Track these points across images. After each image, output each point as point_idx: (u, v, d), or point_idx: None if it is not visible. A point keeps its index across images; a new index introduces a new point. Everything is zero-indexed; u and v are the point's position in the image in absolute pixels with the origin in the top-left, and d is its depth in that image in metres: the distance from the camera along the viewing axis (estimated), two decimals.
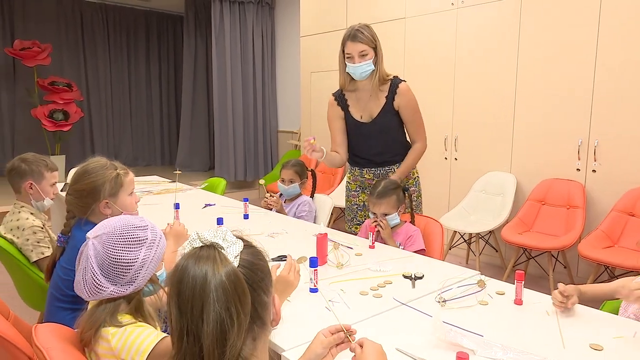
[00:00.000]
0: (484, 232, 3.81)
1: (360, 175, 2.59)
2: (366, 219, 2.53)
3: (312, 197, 2.90)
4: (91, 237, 1.15)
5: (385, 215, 2.17)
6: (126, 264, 1.13)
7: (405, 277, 1.73)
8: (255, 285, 0.84)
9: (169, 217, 2.42)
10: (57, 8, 7.37)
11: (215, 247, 0.83)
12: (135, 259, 1.14)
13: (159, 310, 1.38)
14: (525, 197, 3.72)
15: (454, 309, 1.46)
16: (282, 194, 2.87)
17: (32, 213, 2.16)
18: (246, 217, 2.62)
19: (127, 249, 1.14)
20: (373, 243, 2.08)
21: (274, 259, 1.89)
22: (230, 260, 0.82)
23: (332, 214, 3.00)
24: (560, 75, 3.52)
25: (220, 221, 2.20)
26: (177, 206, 2.44)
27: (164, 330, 1.18)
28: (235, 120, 6.60)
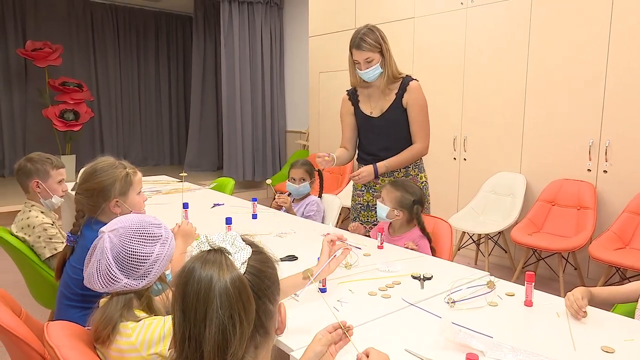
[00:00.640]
0: (493, 233, 3.79)
1: None
2: (369, 218, 2.54)
3: (320, 197, 2.90)
4: (107, 230, 1.18)
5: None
6: (141, 257, 1.16)
7: (414, 277, 1.72)
8: (261, 293, 0.82)
9: (178, 216, 2.43)
10: (68, 9, 7.46)
11: (223, 252, 0.82)
12: (150, 254, 1.17)
13: (167, 311, 1.39)
14: (535, 198, 3.69)
15: (463, 310, 1.45)
16: (290, 194, 2.87)
17: (42, 212, 2.18)
18: (254, 217, 2.62)
19: (143, 243, 1.17)
20: (382, 244, 2.08)
21: (282, 259, 1.88)
22: (237, 267, 0.80)
23: (340, 213, 2.99)
24: (571, 75, 3.49)
25: (229, 221, 2.20)
26: (185, 206, 2.45)
27: None
28: (243, 120, 6.62)
